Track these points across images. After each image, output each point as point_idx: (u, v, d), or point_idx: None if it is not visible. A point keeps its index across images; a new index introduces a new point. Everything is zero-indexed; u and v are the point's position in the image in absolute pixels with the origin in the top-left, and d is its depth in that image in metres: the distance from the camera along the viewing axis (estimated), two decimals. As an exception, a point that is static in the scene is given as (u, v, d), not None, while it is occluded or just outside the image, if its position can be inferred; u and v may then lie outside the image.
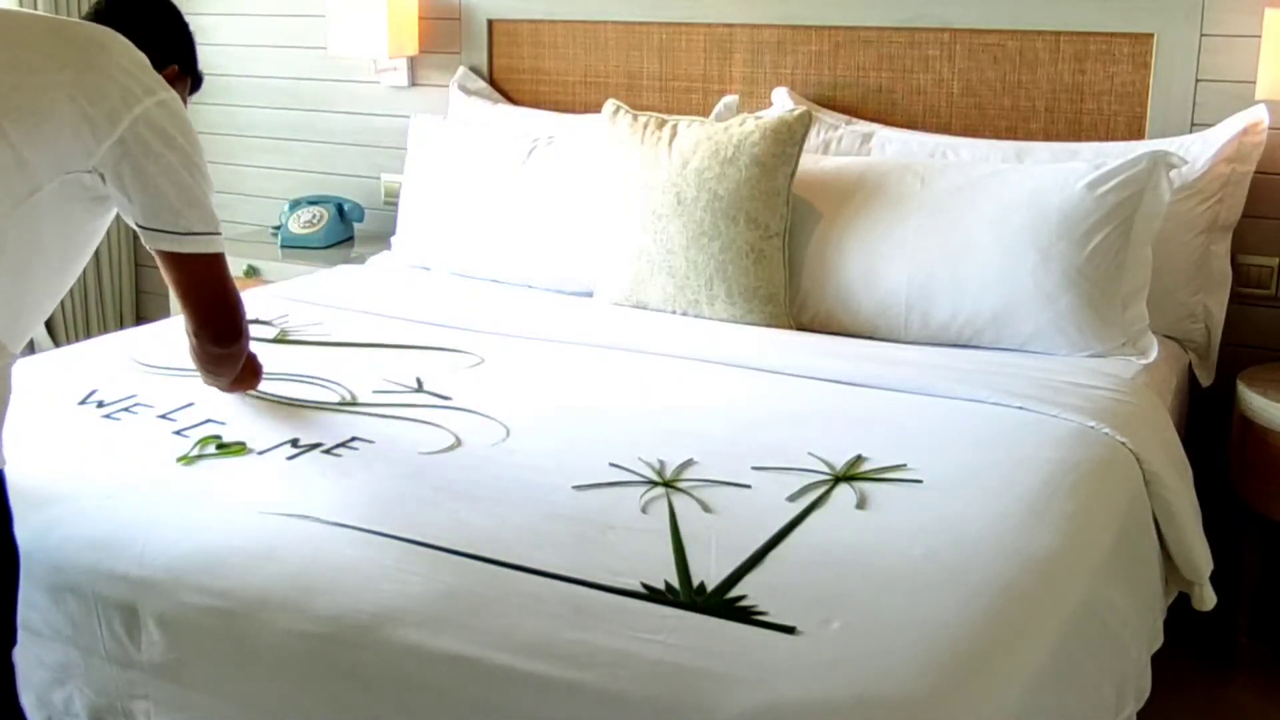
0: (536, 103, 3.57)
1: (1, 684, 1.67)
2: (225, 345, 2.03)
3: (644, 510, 1.89)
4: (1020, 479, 2.02)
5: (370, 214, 3.84)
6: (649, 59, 3.42)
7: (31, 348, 3.10)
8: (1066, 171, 2.68)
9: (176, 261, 1.91)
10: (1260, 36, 2.73)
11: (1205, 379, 2.86)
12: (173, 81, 1.98)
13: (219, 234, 1.94)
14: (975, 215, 2.68)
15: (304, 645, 1.63)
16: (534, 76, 3.59)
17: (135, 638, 1.73)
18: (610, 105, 3.07)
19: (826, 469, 2.04)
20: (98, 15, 1.97)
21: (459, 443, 2.16)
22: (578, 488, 1.97)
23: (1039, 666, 1.63)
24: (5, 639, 1.67)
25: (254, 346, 2.21)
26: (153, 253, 1.91)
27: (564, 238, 3.08)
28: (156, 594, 1.72)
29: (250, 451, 2.11)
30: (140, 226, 1.87)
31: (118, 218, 1.94)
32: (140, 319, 4.11)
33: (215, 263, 1.94)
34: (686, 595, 1.64)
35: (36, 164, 1.72)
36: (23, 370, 2.08)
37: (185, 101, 2.07)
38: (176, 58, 2.03)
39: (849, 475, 2.02)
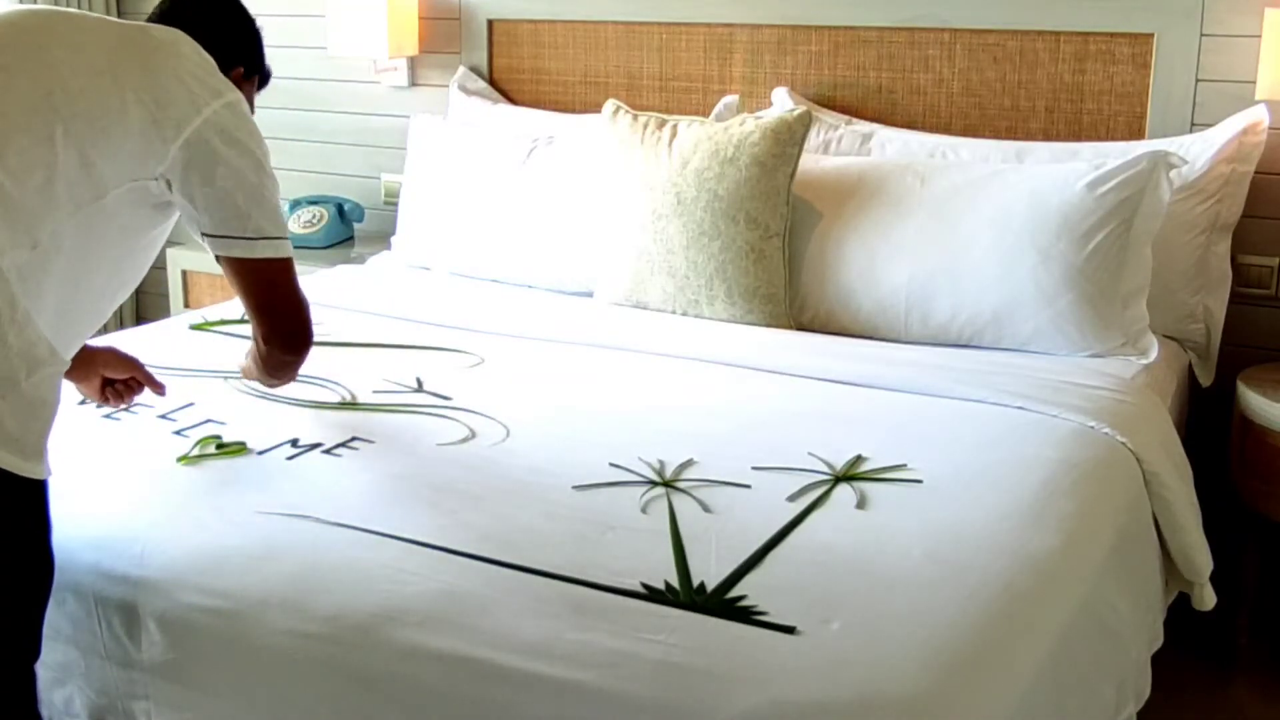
0: (536, 103, 3.57)
1: (23, 693, 1.68)
2: (296, 352, 1.94)
3: (644, 510, 1.89)
4: (1020, 479, 2.02)
5: (370, 214, 3.84)
6: (649, 59, 3.42)
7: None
8: (1066, 171, 2.68)
9: (247, 269, 1.83)
10: (1260, 36, 2.73)
11: (1205, 379, 2.86)
12: (239, 82, 1.94)
13: (288, 238, 1.87)
14: (975, 215, 2.68)
15: (304, 645, 1.63)
16: (534, 76, 3.59)
17: (135, 638, 1.73)
18: (610, 105, 3.07)
19: (826, 469, 2.04)
20: (162, 15, 1.93)
21: (473, 434, 2.17)
22: (578, 488, 1.97)
23: (1039, 666, 1.63)
24: (30, 651, 1.67)
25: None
26: (221, 262, 1.84)
27: (564, 238, 3.08)
28: (156, 594, 1.72)
29: (250, 451, 2.11)
30: (207, 235, 1.81)
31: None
32: (140, 319, 4.11)
33: (286, 268, 1.87)
34: (686, 595, 1.64)
35: (103, 169, 1.69)
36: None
37: (252, 100, 2.03)
38: (243, 58, 1.98)
39: (849, 475, 2.02)
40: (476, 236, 3.20)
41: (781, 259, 2.79)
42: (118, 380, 2.18)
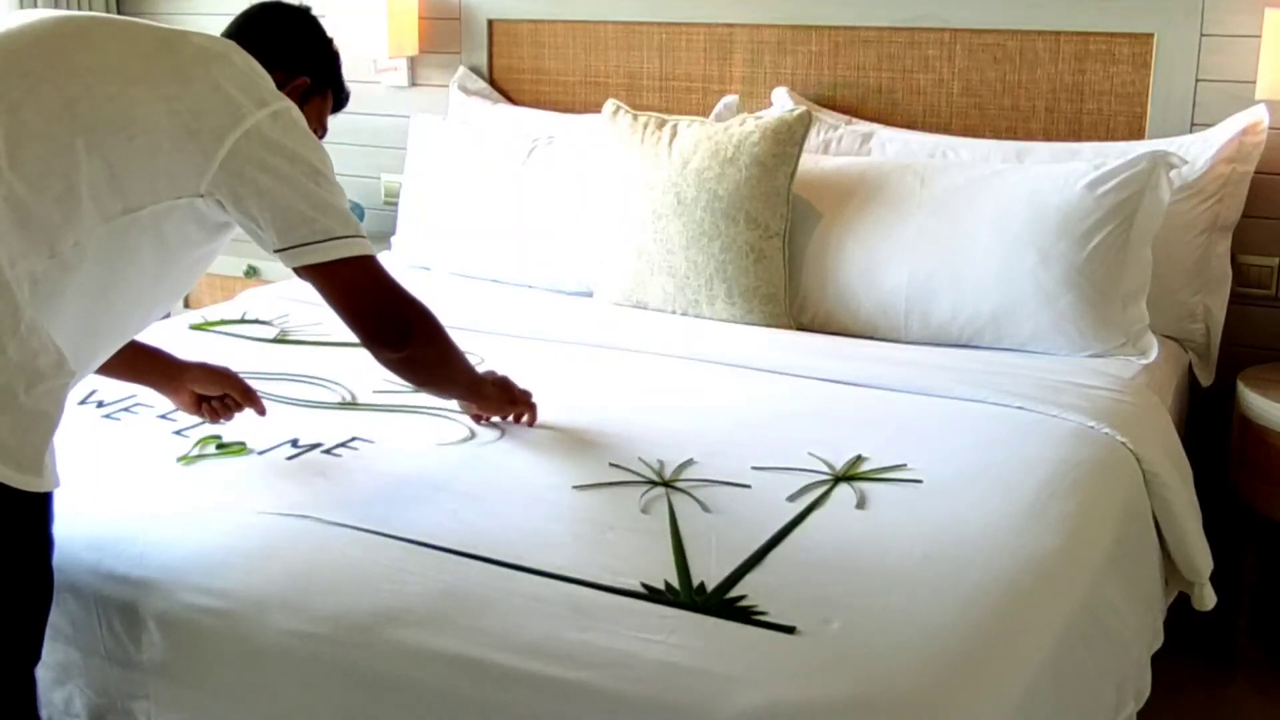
0: (536, 103, 3.57)
1: (23, 697, 1.67)
2: (400, 347, 1.85)
3: (644, 510, 1.89)
4: (1020, 479, 2.02)
5: (370, 214, 3.84)
6: (649, 59, 3.42)
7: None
8: (1066, 171, 2.68)
9: (326, 275, 1.76)
10: (1260, 36, 2.73)
11: (1205, 379, 2.86)
12: (305, 94, 1.92)
13: (363, 236, 1.79)
14: (975, 215, 2.68)
15: (304, 645, 1.62)
16: (534, 76, 3.59)
17: (135, 638, 1.73)
18: (610, 105, 3.07)
19: (826, 469, 2.04)
20: (233, 30, 1.91)
21: (473, 434, 2.17)
22: (578, 488, 1.97)
23: (1039, 666, 1.63)
24: (31, 656, 1.67)
25: (265, 349, 2.18)
26: (300, 275, 1.77)
27: (564, 238, 3.09)
28: (156, 594, 1.72)
29: (250, 451, 2.11)
30: (280, 251, 1.74)
31: None
32: (140, 319, 4.11)
33: (368, 265, 1.80)
34: (686, 595, 1.64)
35: (133, 180, 1.64)
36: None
37: (324, 118, 2.01)
38: (310, 68, 1.93)
39: (849, 475, 2.02)
40: (476, 236, 3.20)
41: (781, 259, 2.79)
42: (213, 397, 2.14)
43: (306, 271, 1.77)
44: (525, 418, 2.21)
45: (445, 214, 3.26)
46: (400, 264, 3.35)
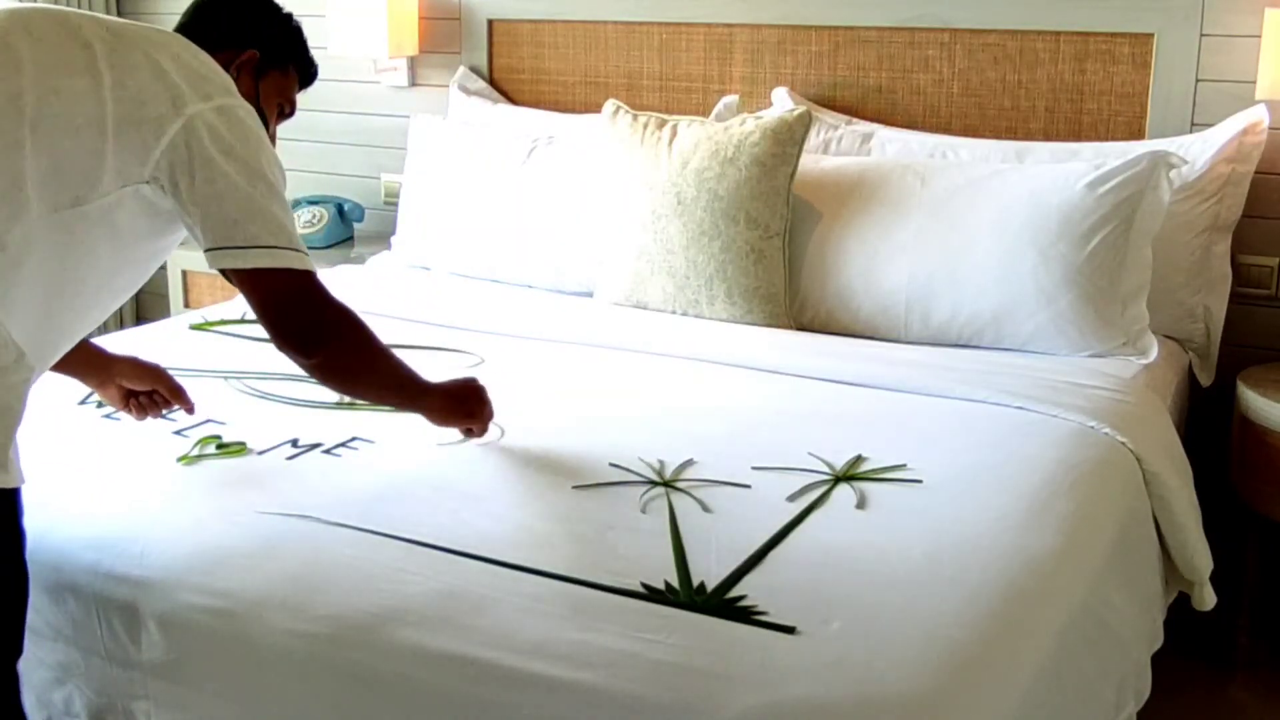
0: (536, 103, 3.57)
1: (6, 692, 1.67)
2: (308, 353, 1.80)
3: (644, 510, 1.89)
4: (1020, 479, 2.02)
5: (370, 214, 3.84)
6: (649, 59, 3.42)
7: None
8: (1066, 171, 2.68)
9: (242, 280, 1.73)
10: (1260, 36, 2.73)
11: (1205, 379, 2.86)
12: (260, 69, 1.90)
13: (297, 250, 1.74)
14: (975, 215, 2.68)
15: (304, 645, 1.62)
16: (534, 76, 3.59)
17: (135, 638, 1.73)
18: (610, 105, 3.07)
19: (826, 469, 2.04)
20: (186, 18, 1.90)
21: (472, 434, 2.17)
22: (578, 488, 1.97)
23: (1039, 666, 1.63)
24: (11, 650, 1.67)
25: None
26: (227, 279, 1.75)
27: (564, 238, 3.09)
28: (156, 594, 1.72)
29: (250, 451, 2.11)
30: (207, 251, 1.71)
31: None
32: (140, 319, 4.11)
33: (290, 278, 1.74)
34: (686, 595, 1.64)
35: (77, 172, 1.62)
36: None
37: (290, 95, 1.99)
38: (256, 43, 1.89)
39: (849, 475, 2.02)
40: (476, 236, 3.20)
41: (781, 259, 2.79)
42: (141, 392, 2.12)
43: (230, 275, 1.74)
44: (474, 432, 2.14)
45: (445, 214, 3.26)
46: (400, 264, 3.36)
